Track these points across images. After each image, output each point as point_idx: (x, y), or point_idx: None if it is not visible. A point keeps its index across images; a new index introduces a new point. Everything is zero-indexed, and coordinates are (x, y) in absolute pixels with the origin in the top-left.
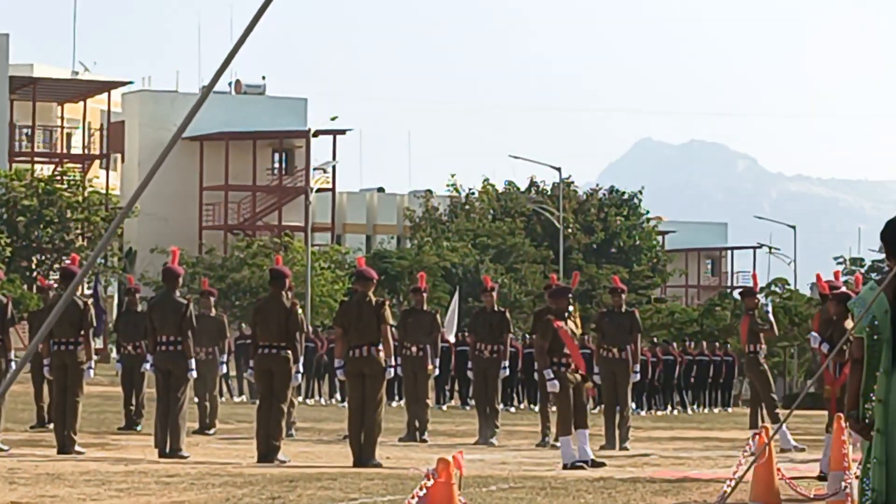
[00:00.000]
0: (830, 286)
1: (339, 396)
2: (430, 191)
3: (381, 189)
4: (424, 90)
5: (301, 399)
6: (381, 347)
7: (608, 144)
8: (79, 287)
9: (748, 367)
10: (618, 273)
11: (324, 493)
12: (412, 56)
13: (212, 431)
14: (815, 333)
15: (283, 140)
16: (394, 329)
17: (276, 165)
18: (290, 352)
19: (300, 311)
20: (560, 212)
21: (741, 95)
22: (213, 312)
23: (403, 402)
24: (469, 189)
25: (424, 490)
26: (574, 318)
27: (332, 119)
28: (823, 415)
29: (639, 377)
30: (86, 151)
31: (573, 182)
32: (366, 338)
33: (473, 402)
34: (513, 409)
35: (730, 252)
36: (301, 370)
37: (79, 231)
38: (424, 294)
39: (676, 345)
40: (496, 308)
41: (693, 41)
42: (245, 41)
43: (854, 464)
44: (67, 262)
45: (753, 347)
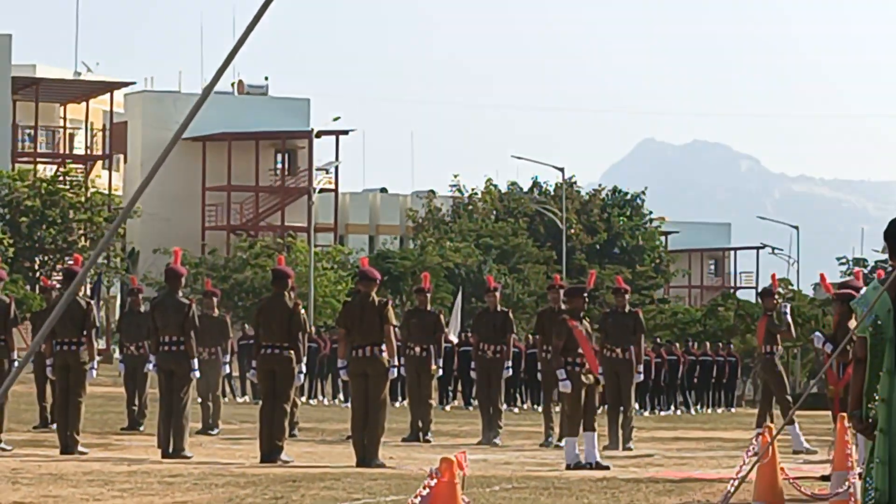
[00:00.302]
0: (842, 285)
1: (342, 397)
2: (433, 191)
3: (384, 189)
4: (427, 90)
5: (304, 399)
6: (385, 348)
7: (611, 145)
8: (81, 287)
9: (763, 368)
10: (621, 273)
11: (327, 494)
12: (415, 56)
13: (215, 432)
14: (819, 333)
15: (286, 140)
16: (397, 329)
17: (279, 166)
18: (293, 352)
19: (303, 312)
20: (563, 212)
21: (744, 96)
22: (216, 313)
23: (407, 403)
24: (472, 189)
25: (427, 490)
26: None
27: (335, 119)
28: (827, 415)
29: (642, 377)
30: (88, 152)
31: (576, 182)
32: (369, 338)
33: (476, 403)
34: (516, 410)
35: (733, 252)
36: (304, 370)
37: (81, 232)
38: (428, 294)
39: (679, 345)
40: (499, 308)
41: (695, 41)
42: (246, 41)
43: (857, 464)
44: (70, 263)
45: (770, 348)
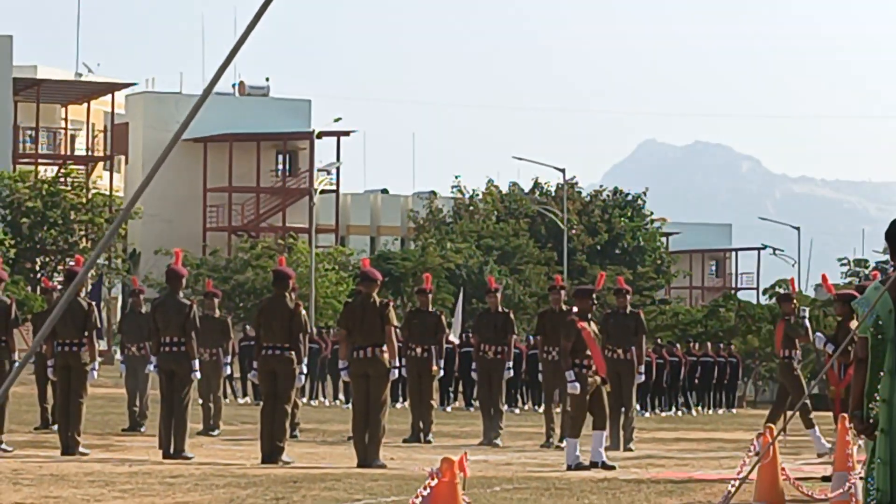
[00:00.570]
0: (858, 288)
1: (343, 397)
2: (434, 192)
3: (385, 190)
4: (428, 91)
5: (305, 400)
6: (386, 349)
7: (612, 146)
8: (81, 288)
9: (781, 373)
10: (622, 274)
11: (328, 494)
12: (416, 57)
13: (216, 432)
14: (821, 334)
15: (287, 141)
16: (398, 330)
17: (280, 167)
18: (294, 353)
19: (304, 313)
20: (564, 213)
21: (745, 96)
22: (217, 314)
23: (408, 404)
24: (473, 190)
25: (428, 490)
26: None
27: (336, 120)
28: (829, 416)
29: (643, 378)
30: (89, 153)
31: (577, 183)
32: (370, 339)
33: (477, 404)
34: (517, 411)
35: (734, 253)
36: (305, 371)
37: (83, 233)
38: (429, 295)
39: (680, 346)
40: (500, 309)
41: (696, 42)
42: (245, 41)
43: (858, 464)
44: (72, 264)
45: (788, 353)
